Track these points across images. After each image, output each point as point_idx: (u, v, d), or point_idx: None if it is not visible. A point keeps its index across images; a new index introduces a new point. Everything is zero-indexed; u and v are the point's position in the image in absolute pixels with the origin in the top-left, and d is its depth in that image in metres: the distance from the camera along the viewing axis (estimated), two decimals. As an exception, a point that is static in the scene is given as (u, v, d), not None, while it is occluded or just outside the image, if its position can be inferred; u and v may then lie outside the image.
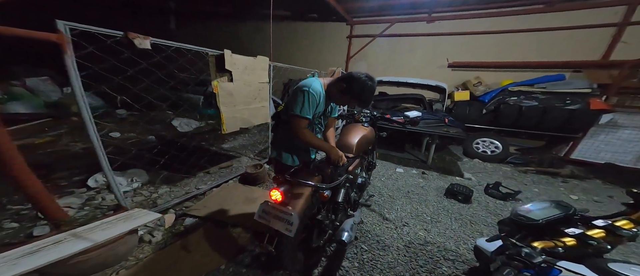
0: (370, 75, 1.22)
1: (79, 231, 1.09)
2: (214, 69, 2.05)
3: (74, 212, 1.59)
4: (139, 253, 1.38)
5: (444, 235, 1.93)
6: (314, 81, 1.24)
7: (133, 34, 1.29)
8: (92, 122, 1.26)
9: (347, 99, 1.26)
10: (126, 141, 3.05)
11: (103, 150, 1.33)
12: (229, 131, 2.22)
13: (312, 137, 1.24)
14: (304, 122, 1.19)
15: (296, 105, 1.18)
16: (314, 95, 1.18)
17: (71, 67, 1.13)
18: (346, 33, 5.66)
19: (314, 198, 1.16)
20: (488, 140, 3.94)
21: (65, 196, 1.74)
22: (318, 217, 1.28)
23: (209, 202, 1.99)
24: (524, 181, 3.21)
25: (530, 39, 4.23)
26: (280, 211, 1.00)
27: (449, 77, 4.91)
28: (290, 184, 1.14)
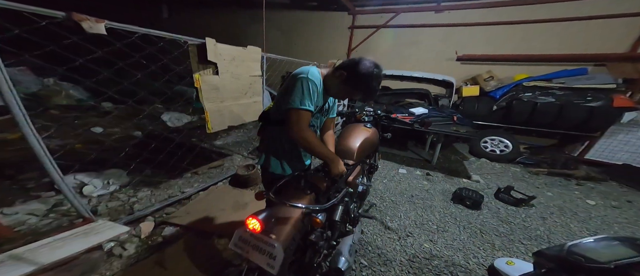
0: (376, 62, 0.99)
1: (20, 252, 0.90)
2: (195, 60, 1.80)
3: (37, 220, 1.41)
4: (105, 271, 1.20)
5: (452, 246, 1.74)
6: (311, 68, 1.00)
7: (80, 15, 1.04)
8: (27, 117, 1.03)
9: (349, 91, 1.03)
10: (109, 137, 2.84)
11: (46, 150, 1.11)
12: (215, 130, 2.00)
13: (315, 140, 1.00)
14: (306, 116, 0.95)
15: (294, 97, 0.94)
16: (314, 82, 0.95)
17: None
18: (348, 23, 5.30)
19: (304, 221, 0.95)
20: (497, 139, 3.71)
21: (29, 201, 1.55)
22: (311, 238, 1.07)
23: (193, 208, 1.80)
24: (536, 183, 3.01)
25: (550, 30, 3.89)
26: (261, 241, 0.80)
27: (457, 71, 4.60)
28: (275, 205, 0.94)
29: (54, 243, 1.02)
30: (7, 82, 0.96)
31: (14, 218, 1.37)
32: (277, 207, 0.93)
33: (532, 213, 2.29)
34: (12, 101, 0.97)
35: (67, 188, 1.17)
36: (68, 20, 1.01)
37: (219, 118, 2.06)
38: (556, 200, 2.58)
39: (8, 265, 0.88)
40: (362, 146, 1.58)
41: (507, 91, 3.78)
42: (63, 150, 1.39)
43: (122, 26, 1.25)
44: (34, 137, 1.06)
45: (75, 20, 1.02)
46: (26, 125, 1.02)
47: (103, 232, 1.12)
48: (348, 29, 5.33)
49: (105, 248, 1.27)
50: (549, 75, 3.69)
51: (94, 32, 1.12)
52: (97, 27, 1.12)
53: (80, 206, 1.22)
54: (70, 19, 1.01)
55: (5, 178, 1.76)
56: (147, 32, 1.43)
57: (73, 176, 1.79)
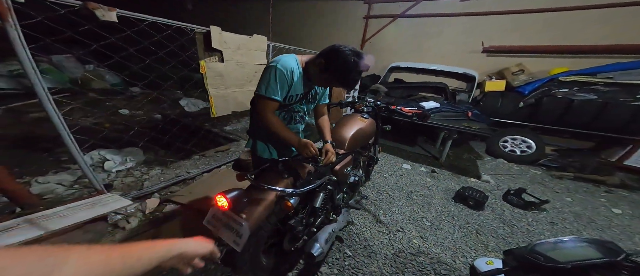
0: (356, 49, 0.97)
1: (34, 217, 1.08)
2: (201, 48, 1.89)
3: (63, 190, 1.66)
4: (109, 241, 1.38)
5: (442, 244, 1.71)
6: (285, 56, 1.02)
7: (94, 3, 1.15)
8: (51, 99, 1.19)
9: (327, 79, 1.03)
10: (133, 118, 3.15)
11: (68, 130, 1.29)
12: (218, 114, 2.12)
13: (278, 124, 1.05)
14: (270, 104, 1.00)
15: (261, 84, 1.00)
16: (282, 71, 0.97)
17: (17, 38, 1.03)
18: (363, 13, 5.05)
19: (278, 206, 1.00)
20: (519, 138, 3.40)
21: (60, 172, 1.82)
22: (290, 222, 1.13)
23: (196, 188, 1.97)
24: (556, 188, 2.75)
25: (600, 17, 3.34)
26: (231, 220, 0.87)
27: (482, 64, 4.22)
28: (251, 186, 1.00)
29: (64, 211, 1.19)
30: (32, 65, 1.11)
31: (45, 186, 1.63)
32: (252, 188, 0.99)
33: (541, 217, 2.13)
34: (36, 82, 1.13)
35: (83, 162, 1.35)
36: (84, 9, 1.13)
37: (223, 104, 2.17)
38: (574, 207, 2.36)
39: (22, 228, 1.05)
40: (355, 136, 1.57)
41: (538, 86, 3.40)
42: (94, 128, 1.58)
43: (132, 14, 1.36)
44: (56, 116, 1.23)
45: (90, 8, 1.13)
46: (49, 105, 1.19)
47: (108, 204, 1.29)
48: (363, 19, 5.09)
49: (111, 220, 1.46)
50: (593, 69, 3.22)
51: (106, 19, 1.23)
52: (109, 14, 1.23)
53: (93, 179, 1.41)
54: (86, 7, 1.12)
55: (43, 151, 2.07)
56: (155, 20, 1.53)
57: (98, 151, 2.05)
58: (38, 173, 1.78)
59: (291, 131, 1.10)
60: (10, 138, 2.22)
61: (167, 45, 1.79)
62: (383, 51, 5.09)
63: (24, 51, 1.07)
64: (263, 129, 1.18)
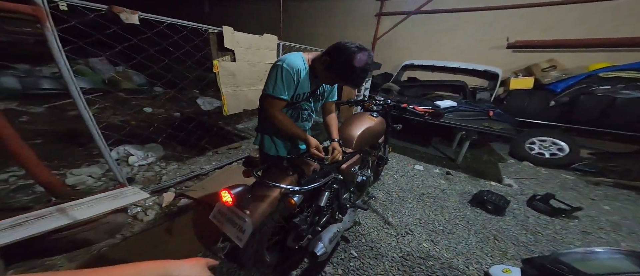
0: (363, 46, 0.93)
1: (65, 206, 1.20)
2: (214, 48, 1.97)
3: (93, 182, 1.83)
4: (128, 232, 1.48)
5: (455, 249, 1.62)
6: (292, 54, 1.02)
7: (118, 7, 1.25)
8: (82, 98, 1.31)
9: (332, 77, 1.01)
10: (156, 116, 3.38)
11: (97, 127, 1.41)
12: (230, 112, 2.19)
13: (286, 121, 1.06)
14: (277, 103, 1.02)
15: (268, 83, 1.01)
16: (288, 70, 0.98)
17: (54, 42, 1.15)
18: (375, 10, 4.92)
19: (281, 203, 1.01)
20: (549, 140, 3.11)
21: (92, 165, 2.01)
22: (295, 220, 1.13)
23: (208, 184, 2.06)
24: (591, 195, 2.48)
25: None
26: (235, 215, 0.89)
27: (506, 60, 3.93)
28: (256, 183, 1.02)
29: (90, 202, 1.30)
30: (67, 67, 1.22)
31: (78, 178, 1.81)
32: (257, 185, 1.01)
33: (571, 226, 1.94)
34: (70, 82, 1.25)
35: (109, 156, 1.48)
36: (109, 12, 1.23)
37: (235, 102, 2.24)
38: (612, 215, 2.11)
39: (54, 216, 1.18)
40: (363, 135, 1.54)
41: (573, 83, 3.08)
42: (120, 125, 1.72)
43: (152, 16, 1.45)
44: (87, 113, 1.36)
45: (115, 12, 1.23)
46: (82, 104, 1.31)
47: (128, 197, 1.39)
48: (375, 16, 4.96)
49: (131, 212, 1.57)
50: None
51: (129, 22, 1.33)
52: (131, 17, 1.32)
53: (117, 173, 1.53)
54: (111, 11, 1.22)
55: (79, 146, 2.29)
56: (173, 22, 1.63)
57: (123, 147, 2.22)
58: (73, 166, 1.98)
59: (299, 127, 1.11)
60: (52, 133, 2.49)
61: (184, 45, 1.89)
62: (396, 49, 4.93)
63: (60, 54, 1.19)
64: (270, 126, 1.20)
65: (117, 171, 1.54)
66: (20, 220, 1.09)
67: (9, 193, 1.63)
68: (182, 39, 1.79)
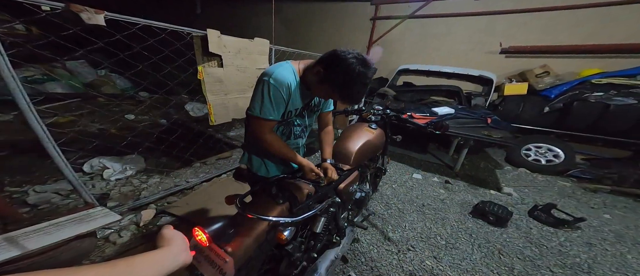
0: (361, 56, 0.80)
1: (15, 235, 1.01)
2: (199, 52, 1.83)
3: (59, 200, 1.62)
4: (97, 257, 1.31)
5: (459, 267, 1.51)
6: (279, 66, 0.88)
7: (78, 6, 1.08)
8: (31, 107, 1.13)
9: (327, 91, 0.86)
10: (139, 123, 3.16)
11: (52, 139, 1.22)
12: (218, 122, 2.04)
13: (277, 144, 0.92)
14: (266, 124, 0.87)
15: (254, 102, 0.86)
16: (276, 87, 0.83)
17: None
18: (370, 14, 4.90)
19: (269, 235, 0.87)
20: (545, 146, 3.10)
21: (60, 180, 1.80)
22: (287, 248, 0.99)
23: (193, 199, 1.88)
24: (591, 202, 2.45)
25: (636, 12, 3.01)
26: (213, 254, 0.74)
27: (500, 65, 3.94)
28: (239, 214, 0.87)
29: (48, 228, 1.10)
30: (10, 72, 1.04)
31: (41, 196, 1.61)
32: (240, 216, 0.87)
33: (575, 237, 1.88)
34: (17, 90, 1.07)
35: (71, 174, 1.29)
36: (66, 11, 1.06)
37: (223, 111, 2.09)
38: (615, 225, 2.07)
39: (1, 247, 0.98)
40: (361, 150, 1.42)
41: (567, 89, 3.10)
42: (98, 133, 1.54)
43: (122, 17, 1.29)
44: (39, 127, 1.17)
45: (74, 11, 1.06)
46: (31, 116, 1.13)
47: (97, 219, 1.20)
48: (370, 21, 4.93)
49: (101, 234, 1.39)
50: (632, 71, 2.89)
51: (93, 23, 1.16)
52: (95, 18, 1.16)
53: (83, 191, 1.35)
54: (68, 10, 1.05)
55: (48, 158, 2.07)
56: (148, 23, 1.46)
57: (98, 159, 2.02)
58: (39, 182, 1.76)
59: (292, 150, 0.97)
60: (19, 144, 2.25)
61: (165, 49, 1.73)
62: (391, 53, 4.90)
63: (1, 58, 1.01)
64: (259, 147, 1.07)
65: (83, 190, 1.36)
66: None
67: None
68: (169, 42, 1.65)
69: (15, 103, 1.09)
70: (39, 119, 1.15)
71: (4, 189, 1.68)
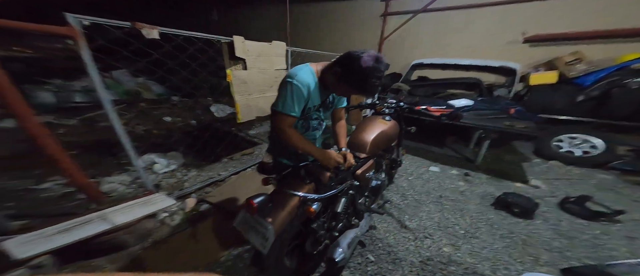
0: (376, 54, 0.90)
1: (105, 212, 1.30)
2: (227, 57, 2.05)
3: (123, 189, 1.95)
4: (158, 236, 1.55)
5: (479, 255, 1.53)
6: (301, 69, 1.01)
7: (140, 24, 1.35)
8: (113, 109, 1.42)
9: (346, 88, 0.99)
10: (175, 124, 3.56)
11: (127, 138, 1.51)
12: (243, 120, 2.25)
13: (297, 138, 1.05)
14: (287, 119, 1.00)
15: (278, 100, 1.00)
16: (298, 87, 0.96)
17: (87, 59, 1.26)
18: (380, 10, 4.90)
19: (300, 209, 1.01)
20: (580, 137, 2.88)
21: (122, 173, 2.14)
22: (312, 226, 1.13)
23: (225, 190, 2.11)
24: (634, 196, 2.25)
25: None
26: (258, 223, 0.90)
27: (523, 55, 3.74)
28: (275, 191, 1.03)
29: (124, 208, 1.40)
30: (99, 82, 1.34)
31: (111, 186, 1.94)
32: (276, 193, 1.03)
33: (613, 230, 1.76)
34: (104, 97, 1.36)
35: (139, 165, 1.58)
36: (132, 28, 1.33)
37: (247, 110, 2.30)
38: (663, 222, 1.89)
39: (96, 222, 1.28)
40: (376, 140, 1.52)
41: (603, 76, 2.86)
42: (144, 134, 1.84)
43: (171, 31, 1.55)
44: (118, 125, 1.46)
45: (137, 28, 1.33)
46: (113, 117, 1.42)
47: (158, 203, 1.48)
48: (380, 17, 4.94)
49: (159, 217, 1.65)
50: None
51: (151, 37, 1.42)
52: (152, 33, 1.42)
53: (146, 180, 1.63)
54: (134, 27, 1.33)
55: (109, 155, 2.46)
56: (190, 35, 1.72)
57: (148, 155, 2.36)
58: (106, 174, 2.12)
59: (311, 143, 1.10)
60: (86, 144, 2.70)
61: (199, 56, 1.99)
62: (404, 49, 4.86)
63: (92, 69, 1.30)
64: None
65: (146, 179, 1.64)
66: (70, 225, 1.20)
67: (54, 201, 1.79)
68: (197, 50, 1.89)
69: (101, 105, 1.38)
70: (118, 119, 1.44)
71: None
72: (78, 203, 1.73)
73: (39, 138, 1.24)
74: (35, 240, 1.09)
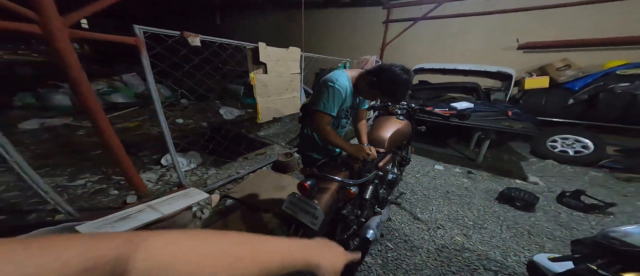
0: (405, 67, 1.08)
1: (153, 203, 1.41)
2: (250, 62, 2.20)
3: (152, 185, 2.04)
4: (192, 227, 1.67)
5: (489, 243, 1.67)
6: (340, 75, 1.17)
7: (187, 33, 1.50)
8: (162, 111, 1.55)
9: (377, 94, 1.16)
10: (187, 126, 3.65)
11: (170, 135, 1.63)
12: (263, 120, 2.39)
13: (333, 135, 1.20)
14: (326, 118, 1.15)
15: (320, 101, 1.15)
16: (339, 90, 1.12)
17: (146, 64, 1.40)
18: (382, 18, 5.16)
19: (339, 193, 1.15)
20: (572, 138, 3.10)
21: (147, 171, 2.23)
22: (343, 212, 1.26)
23: (245, 186, 2.22)
24: (623, 191, 2.45)
25: None
26: (306, 204, 1.03)
27: (518, 61, 4.01)
28: (317, 178, 1.15)
29: (168, 200, 1.51)
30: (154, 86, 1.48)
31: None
32: (320, 179, 1.16)
33: (607, 222, 1.93)
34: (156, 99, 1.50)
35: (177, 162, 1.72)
36: (180, 37, 1.49)
37: (267, 111, 2.44)
38: (649, 213, 2.07)
39: (147, 212, 1.38)
40: (393, 136, 1.67)
41: (591, 81, 3.11)
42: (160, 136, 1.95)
43: (209, 38, 1.72)
44: (165, 127, 1.59)
45: (184, 36, 1.48)
46: (163, 121, 1.55)
47: (194, 196, 1.59)
48: (382, 24, 5.19)
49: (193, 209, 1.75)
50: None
51: (194, 44, 1.57)
52: (195, 40, 1.57)
53: (181, 176, 1.76)
54: (182, 36, 1.48)
55: (131, 154, 2.55)
56: (223, 41, 1.88)
57: (170, 154, 2.45)
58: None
59: (342, 138, 1.25)
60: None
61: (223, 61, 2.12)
62: (405, 54, 5.11)
63: (150, 73, 1.45)
64: (314, 135, 1.36)
65: (181, 175, 1.76)
66: (127, 214, 1.31)
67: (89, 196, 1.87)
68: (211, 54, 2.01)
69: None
70: (165, 119, 1.57)
71: (112, 176, 2.15)
72: (111, 198, 1.83)
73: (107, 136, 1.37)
74: (102, 225, 1.19)
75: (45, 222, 1.57)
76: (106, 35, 1.23)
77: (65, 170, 2.22)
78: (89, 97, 1.33)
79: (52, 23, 1.10)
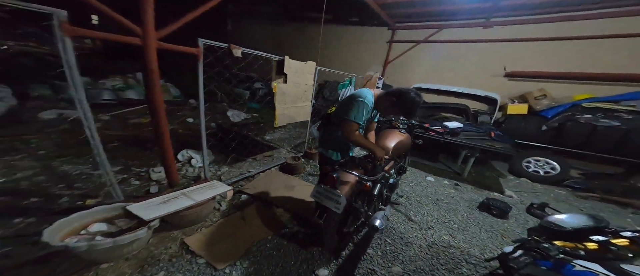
0: (417, 92, 1.42)
1: (185, 191, 1.61)
2: (274, 72, 2.48)
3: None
4: (212, 217, 1.86)
5: (470, 242, 1.98)
6: (367, 93, 1.47)
7: (233, 45, 1.78)
8: (204, 111, 1.81)
9: (396, 111, 1.48)
10: (197, 125, 3.82)
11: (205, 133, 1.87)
12: (279, 125, 2.65)
13: (361, 138, 1.50)
14: (356, 126, 1.44)
15: (351, 112, 1.43)
16: (367, 105, 1.43)
17: (200, 71, 1.71)
18: (387, 38, 5.64)
19: (356, 187, 1.42)
20: (543, 160, 3.56)
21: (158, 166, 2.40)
22: (355, 205, 1.54)
23: (257, 184, 2.44)
24: (581, 206, 2.88)
25: (621, 46, 3.58)
26: (331, 193, 1.30)
27: (503, 87, 4.51)
28: (339, 173, 1.43)
29: (197, 189, 1.72)
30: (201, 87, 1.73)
31: (159, 175, 2.20)
32: (341, 174, 1.43)
33: (564, 231, 2.31)
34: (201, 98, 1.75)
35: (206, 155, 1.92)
36: (227, 49, 1.78)
37: (283, 117, 2.70)
38: (599, 225, 2.48)
39: (181, 198, 1.58)
40: (397, 146, 1.99)
41: (561, 111, 3.60)
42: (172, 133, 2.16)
43: (248, 50, 1.99)
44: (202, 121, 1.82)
45: (231, 48, 1.76)
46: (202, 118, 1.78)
47: (218, 188, 1.80)
48: (386, 43, 5.66)
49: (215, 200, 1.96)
50: (616, 97, 3.41)
51: (236, 55, 1.85)
52: (237, 51, 1.85)
53: (206, 169, 1.96)
54: (229, 48, 1.77)
55: (145, 149, 2.71)
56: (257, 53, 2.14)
57: (186, 151, 2.64)
58: (147, 166, 2.38)
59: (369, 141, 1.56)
60: (123, 138, 2.91)
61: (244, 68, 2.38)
62: (405, 73, 5.56)
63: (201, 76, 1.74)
64: (334, 139, 1.64)
65: (207, 168, 1.96)
66: (167, 199, 1.51)
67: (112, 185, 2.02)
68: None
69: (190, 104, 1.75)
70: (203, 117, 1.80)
71: (131, 168, 2.30)
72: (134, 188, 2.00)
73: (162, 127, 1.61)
74: (148, 207, 1.38)
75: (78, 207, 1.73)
76: (176, 46, 1.48)
77: (88, 159, 2.36)
78: (156, 92, 1.55)
79: (149, 36, 1.37)
